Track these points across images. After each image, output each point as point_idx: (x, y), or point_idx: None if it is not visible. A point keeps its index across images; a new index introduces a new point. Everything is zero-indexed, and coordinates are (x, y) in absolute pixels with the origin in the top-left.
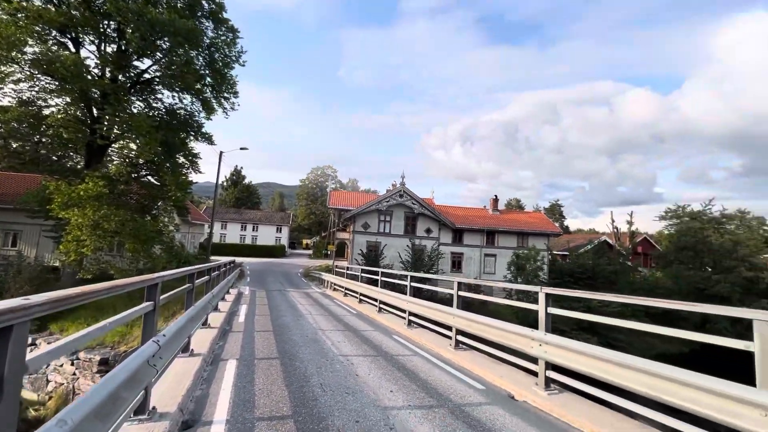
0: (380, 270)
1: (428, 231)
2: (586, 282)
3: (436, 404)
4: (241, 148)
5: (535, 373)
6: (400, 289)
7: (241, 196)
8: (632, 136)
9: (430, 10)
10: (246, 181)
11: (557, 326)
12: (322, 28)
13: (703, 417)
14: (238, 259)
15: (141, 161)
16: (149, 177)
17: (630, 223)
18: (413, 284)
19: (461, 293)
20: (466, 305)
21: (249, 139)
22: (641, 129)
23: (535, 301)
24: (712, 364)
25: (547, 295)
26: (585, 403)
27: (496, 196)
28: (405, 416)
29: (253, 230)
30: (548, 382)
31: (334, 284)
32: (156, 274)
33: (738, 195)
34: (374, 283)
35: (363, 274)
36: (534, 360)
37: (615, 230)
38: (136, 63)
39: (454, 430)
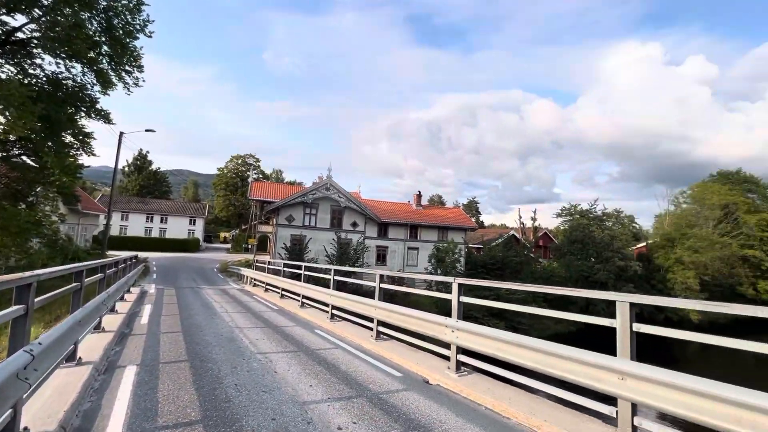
0: (304, 264)
1: (354, 224)
2: (497, 272)
3: (355, 394)
4: (147, 130)
5: (448, 358)
6: (324, 283)
7: (147, 184)
8: (537, 142)
9: (360, 1)
10: (153, 167)
11: (472, 314)
12: (247, 5)
13: (577, 384)
14: (143, 254)
15: (12, 138)
16: (24, 157)
17: (534, 219)
18: (337, 278)
19: (383, 285)
20: (390, 297)
21: (159, 121)
22: (544, 135)
23: (451, 291)
24: (593, 340)
25: (460, 285)
26: (489, 382)
27: (419, 192)
28: (324, 409)
29: (162, 222)
30: (459, 365)
31: (255, 280)
32: (29, 273)
33: (615, 197)
34: (297, 277)
35: (286, 269)
36: (448, 346)
37: (521, 226)
38: (4, 18)
39: (372, 417)
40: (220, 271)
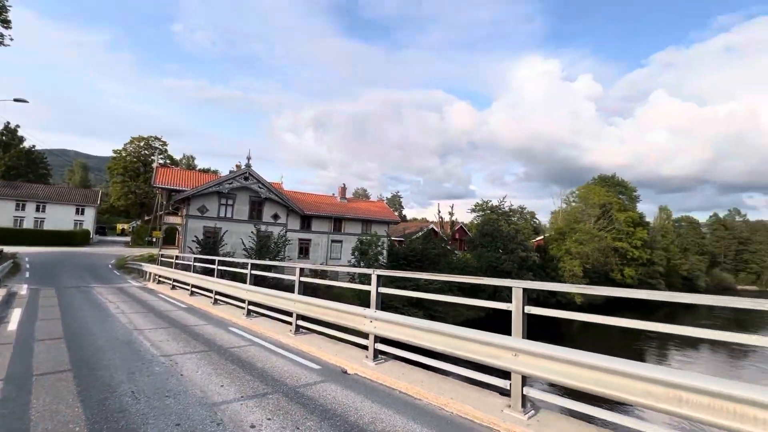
0: (217, 258)
1: (276, 217)
2: (417, 264)
3: (271, 390)
4: (17, 100)
5: (367, 348)
6: (241, 278)
7: (17, 165)
8: (456, 141)
9: None
10: (27, 144)
11: (393, 304)
12: None
13: (480, 363)
14: (10, 249)
15: None
16: None
17: (451, 214)
18: (256, 272)
19: (304, 279)
20: (313, 291)
21: (36, 91)
22: (462, 136)
23: (371, 282)
24: (500, 324)
25: (378, 276)
26: (405, 367)
27: (344, 184)
28: (236, 408)
29: (39, 211)
30: (377, 353)
31: (160, 276)
32: None
33: (521, 195)
34: (211, 273)
35: (197, 264)
36: (367, 336)
37: (440, 220)
38: None
39: (287, 411)
40: (116, 268)
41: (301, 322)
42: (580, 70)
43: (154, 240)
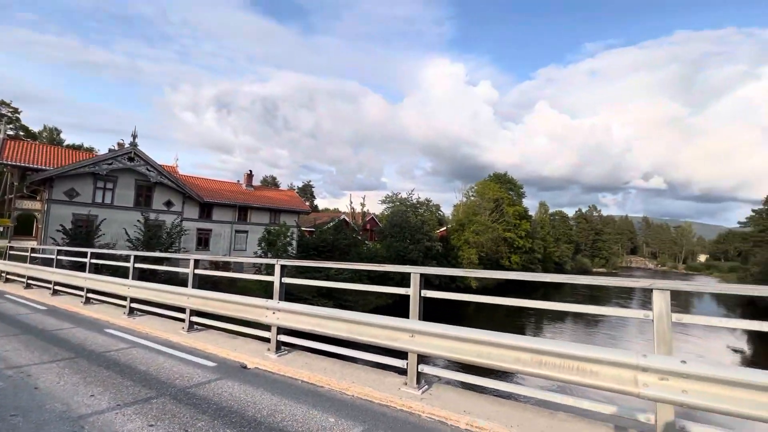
0: (90, 251)
1: (169, 204)
2: (328, 254)
3: (156, 394)
4: None
5: (269, 340)
6: (123, 273)
7: None
8: (369, 133)
9: None
10: None
11: (303, 295)
12: None
13: (381, 346)
14: None
15: None
16: None
17: (363, 205)
18: (141, 266)
19: (200, 272)
20: (214, 285)
21: None
22: (375, 128)
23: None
24: (406, 308)
25: (282, 266)
26: (308, 357)
27: (250, 171)
28: (110, 418)
29: None
30: (279, 345)
31: (8, 274)
32: None
33: (428, 188)
34: (82, 267)
35: (63, 258)
36: (269, 328)
37: (352, 210)
38: None
39: (174, 414)
40: None
41: (196, 318)
42: (482, 77)
43: (2, 229)
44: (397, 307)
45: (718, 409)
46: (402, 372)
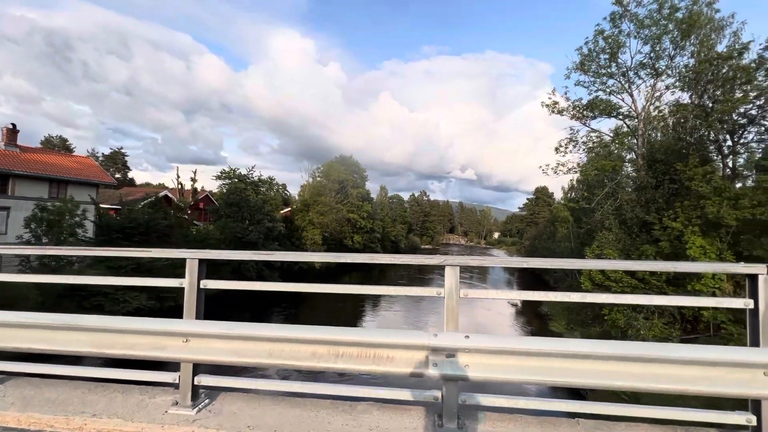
0: None
1: None
2: (140, 238)
3: None
4: None
5: None
6: None
7: None
8: (206, 99)
9: None
10: None
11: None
12: None
13: (145, 359)
14: None
15: None
16: None
17: (194, 180)
18: None
19: None
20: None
21: None
22: (213, 95)
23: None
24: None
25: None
26: (28, 386)
27: (13, 125)
28: None
29: None
30: None
31: None
32: None
33: (275, 167)
34: None
35: None
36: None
37: (179, 186)
38: None
39: None
40: None
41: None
42: (331, 57)
43: None
44: (238, 294)
45: (495, 378)
46: (175, 387)
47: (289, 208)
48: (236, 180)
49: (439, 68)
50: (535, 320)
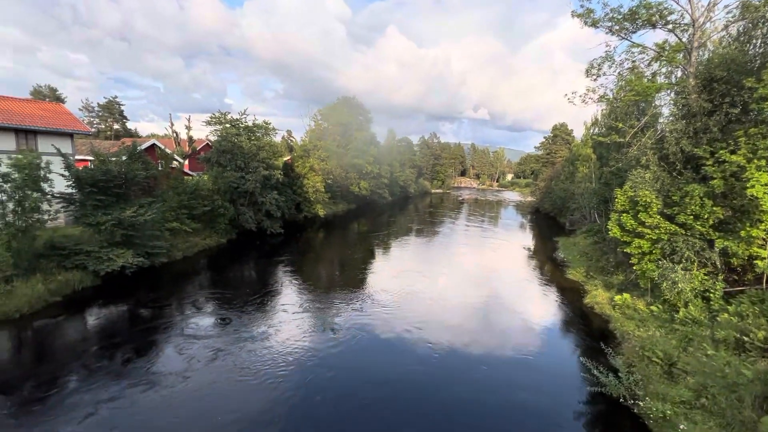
0: None
1: None
2: (119, 190)
3: None
4: None
5: None
6: None
7: None
8: (203, 42)
9: None
10: None
11: (83, 248)
12: None
13: None
14: None
15: None
16: None
17: (188, 128)
18: None
19: None
20: None
21: None
22: (211, 36)
23: None
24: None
25: None
26: None
27: None
28: None
29: None
30: None
31: None
32: None
33: (282, 113)
34: None
35: None
36: None
37: (174, 134)
38: None
39: None
40: None
41: None
42: None
43: None
44: (233, 247)
45: None
46: None
47: (290, 156)
48: (228, 125)
49: None
50: (550, 266)
